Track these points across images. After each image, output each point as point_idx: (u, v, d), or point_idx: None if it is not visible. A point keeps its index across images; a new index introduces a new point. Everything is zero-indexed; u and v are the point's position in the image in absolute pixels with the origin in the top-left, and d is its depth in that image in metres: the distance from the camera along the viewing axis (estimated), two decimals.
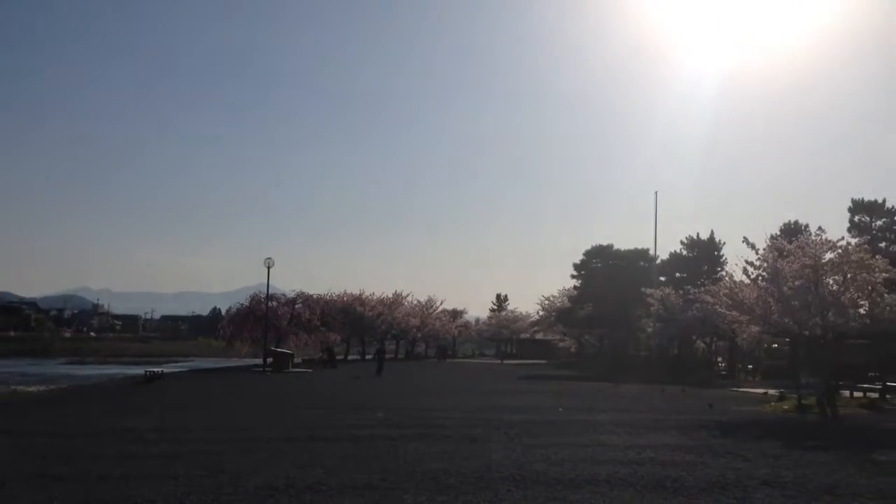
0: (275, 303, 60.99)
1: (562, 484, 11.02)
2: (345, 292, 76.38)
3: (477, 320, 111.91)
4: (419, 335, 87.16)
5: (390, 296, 79.61)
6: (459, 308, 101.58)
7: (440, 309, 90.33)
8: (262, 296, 58.64)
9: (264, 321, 56.20)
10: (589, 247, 70.50)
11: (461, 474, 11.63)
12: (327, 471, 11.91)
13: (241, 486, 10.69)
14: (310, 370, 51.41)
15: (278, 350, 53.53)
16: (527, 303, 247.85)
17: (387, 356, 52.01)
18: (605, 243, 70.01)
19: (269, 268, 52.38)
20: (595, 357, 70.54)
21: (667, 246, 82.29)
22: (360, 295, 76.48)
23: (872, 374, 37.48)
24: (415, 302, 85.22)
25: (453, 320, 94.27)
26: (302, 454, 13.85)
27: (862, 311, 29.52)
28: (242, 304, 62.05)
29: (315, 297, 66.70)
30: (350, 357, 73.10)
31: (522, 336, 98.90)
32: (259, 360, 53.56)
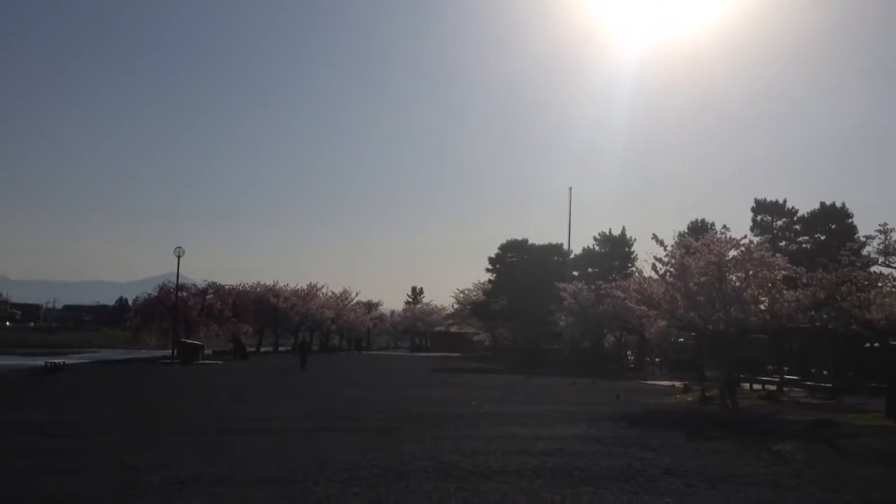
0: (185, 293, 59.53)
1: (472, 475, 11.11)
2: (258, 283, 75.20)
3: (392, 313, 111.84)
4: (333, 327, 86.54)
5: (305, 287, 78.78)
6: (375, 300, 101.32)
7: (355, 301, 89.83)
8: (172, 286, 57.12)
9: (173, 312, 54.80)
10: (504, 241, 71.30)
11: (372, 466, 11.59)
12: (235, 464, 11.70)
13: (144, 479, 10.39)
14: (220, 362, 50.41)
15: (188, 341, 52.25)
16: (442, 296, 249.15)
17: (307, 350, 50.52)
18: (520, 238, 70.93)
19: (179, 257, 51.11)
20: (509, 350, 71.34)
21: (581, 241, 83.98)
22: (273, 286, 75.40)
23: (771, 366, 39.12)
24: (329, 294, 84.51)
25: (368, 312, 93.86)
26: (210, 447, 13.58)
27: (762, 306, 30.72)
28: (151, 295, 60.31)
29: (227, 287, 65.34)
30: (263, 349, 71.95)
31: (437, 329, 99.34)
32: (168, 352, 52.23)
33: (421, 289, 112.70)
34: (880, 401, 23.65)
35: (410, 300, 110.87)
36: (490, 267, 71.93)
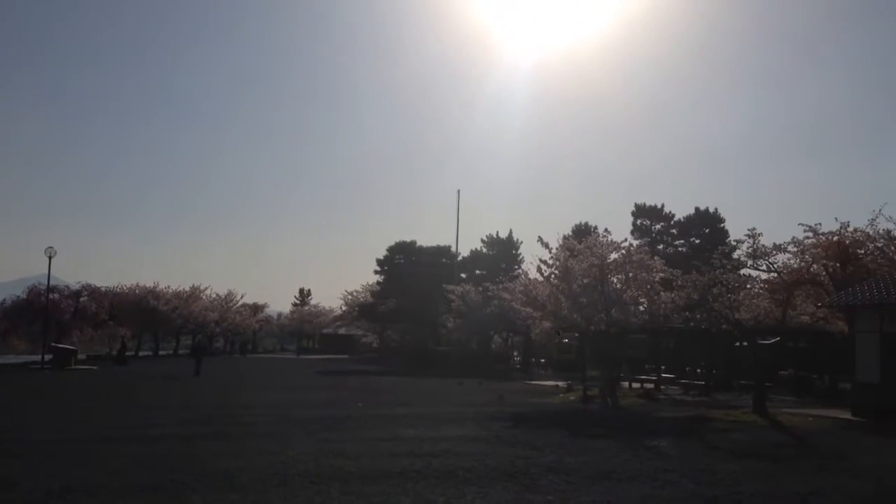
0: (57, 295, 56.63)
1: (357, 478, 11.00)
2: (137, 284, 72.27)
3: (279, 315, 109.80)
4: (217, 330, 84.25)
5: (187, 289, 76.31)
6: (261, 302, 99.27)
7: (240, 303, 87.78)
8: (42, 287, 54.24)
9: (44, 315, 52.04)
10: (393, 243, 71.29)
11: (254, 472, 11.32)
12: (111, 473, 11.17)
13: (12, 492, 9.79)
14: (95, 367, 48.20)
15: (60, 346, 49.71)
16: (330, 298, 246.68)
17: (204, 353, 45.70)
18: (408, 240, 71.08)
19: (50, 257, 48.51)
20: (397, 352, 71.33)
21: (469, 244, 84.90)
22: (153, 288, 72.58)
23: (650, 365, 40.60)
24: (214, 296, 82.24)
25: (254, 314, 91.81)
26: (82, 456, 12.92)
27: (642, 307, 31.84)
28: (19, 297, 57.08)
29: (103, 289, 62.59)
30: (142, 353, 69.22)
31: (325, 331, 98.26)
32: (38, 357, 49.53)
33: (309, 290, 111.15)
34: (749, 397, 24.90)
35: (298, 302, 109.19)
36: (378, 269, 71.79)
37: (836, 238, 30.46)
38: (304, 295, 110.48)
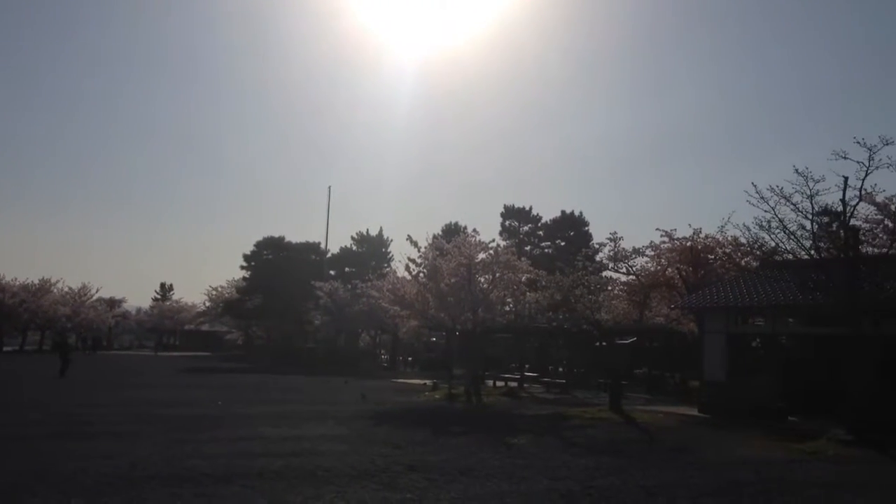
0: None
1: (212, 479, 10.64)
2: None
3: (138, 310, 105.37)
4: (69, 325, 79.93)
5: (36, 282, 72.03)
6: (118, 297, 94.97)
7: (96, 297, 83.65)
8: None
9: None
10: (261, 238, 69.80)
11: (101, 474, 10.75)
12: None
13: None
14: None
15: None
16: (193, 293, 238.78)
17: (70, 350, 38.84)
18: (277, 235, 69.74)
19: None
20: (262, 349, 69.91)
21: (339, 241, 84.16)
22: None
23: (514, 364, 41.50)
24: (66, 289, 77.99)
25: (110, 309, 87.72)
26: None
27: (508, 307, 32.50)
28: None
29: None
30: None
31: (187, 327, 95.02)
32: None
33: (170, 285, 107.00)
34: (607, 395, 25.81)
35: (159, 297, 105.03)
36: (245, 264, 70.06)
37: (689, 243, 32.12)
38: (165, 289, 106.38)
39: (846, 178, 17.95)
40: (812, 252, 19.03)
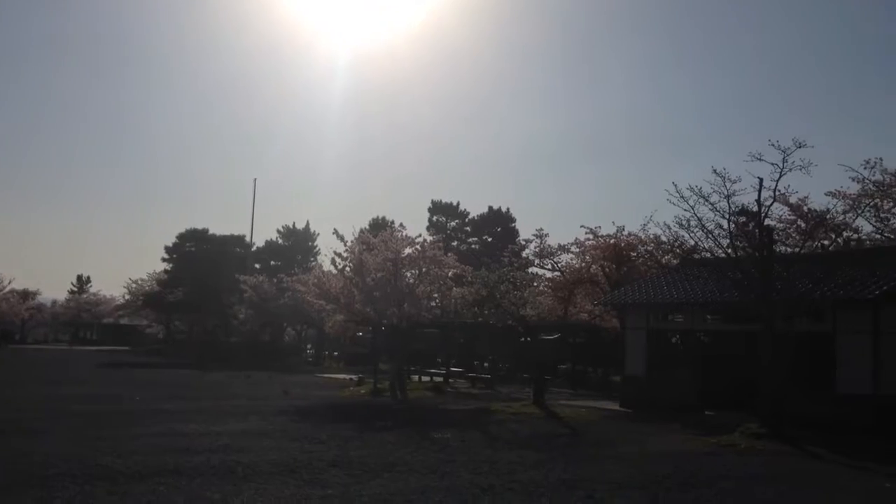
0: None
1: (126, 477, 10.35)
2: None
3: (54, 302, 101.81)
4: None
5: None
6: (32, 288, 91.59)
7: (8, 288, 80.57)
8: None
9: None
10: (183, 230, 68.27)
11: (10, 472, 10.36)
12: None
13: None
14: None
15: None
16: (112, 285, 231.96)
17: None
18: (200, 227, 68.28)
19: None
20: (184, 343, 68.37)
21: (266, 234, 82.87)
22: None
23: (440, 359, 41.58)
24: None
25: (24, 301, 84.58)
26: None
27: (434, 302, 32.54)
28: None
29: None
30: None
31: (106, 321, 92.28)
32: None
33: (88, 277, 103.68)
34: (531, 390, 26.10)
35: (75, 289, 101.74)
36: (167, 256, 68.42)
37: (613, 241, 32.71)
38: (82, 282, 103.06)
39: (761, 180, 18.51)
40: (729, 251, 19.57)
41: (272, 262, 65.57)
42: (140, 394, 24.08)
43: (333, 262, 29.32)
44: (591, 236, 33.77)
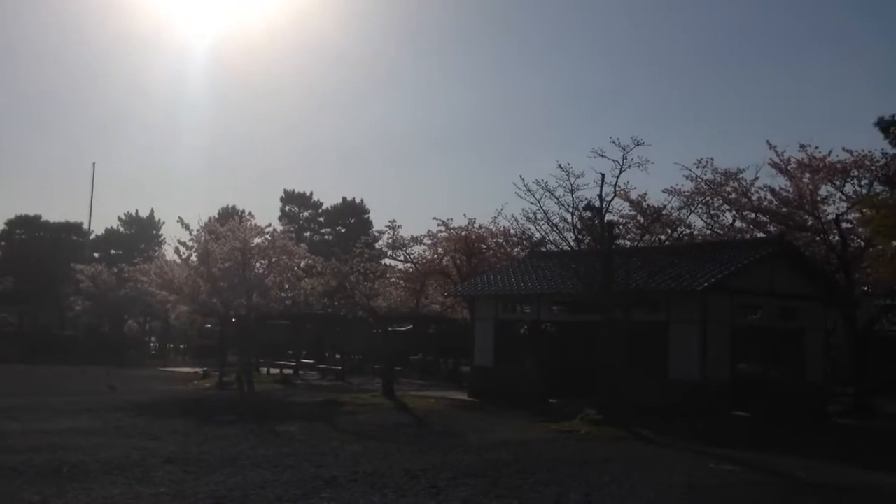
0: None
1: None
2: None
3: None
4: None
5: None
6: None
7: None
8: None
9: None
10: (13, 216, 63.86)
11: None
12: None
13: None
14: None
15: None
16: None
17: None
18: (32, 213, 64.06)
19: None
20: (13, 337, 63.89)
21: (106, 222, 78.61)
22: None
23: (291, 351, 40.88)
24: None
25: None
26: None
27: (284, 293, 31.87)
28: None
29: None
30: None
31: None
32: None
33: None
34: (380, 380, 26.09)
35: None
36: None
37: (464, 233, 33.14)
38: None
39: (603, 175, 19.26)
40: (573, 244, 20.25)
41: (113, 252, 62.40)
42: None
43: (177, 251, 28.22)
44: (443, 228, 34.08)
